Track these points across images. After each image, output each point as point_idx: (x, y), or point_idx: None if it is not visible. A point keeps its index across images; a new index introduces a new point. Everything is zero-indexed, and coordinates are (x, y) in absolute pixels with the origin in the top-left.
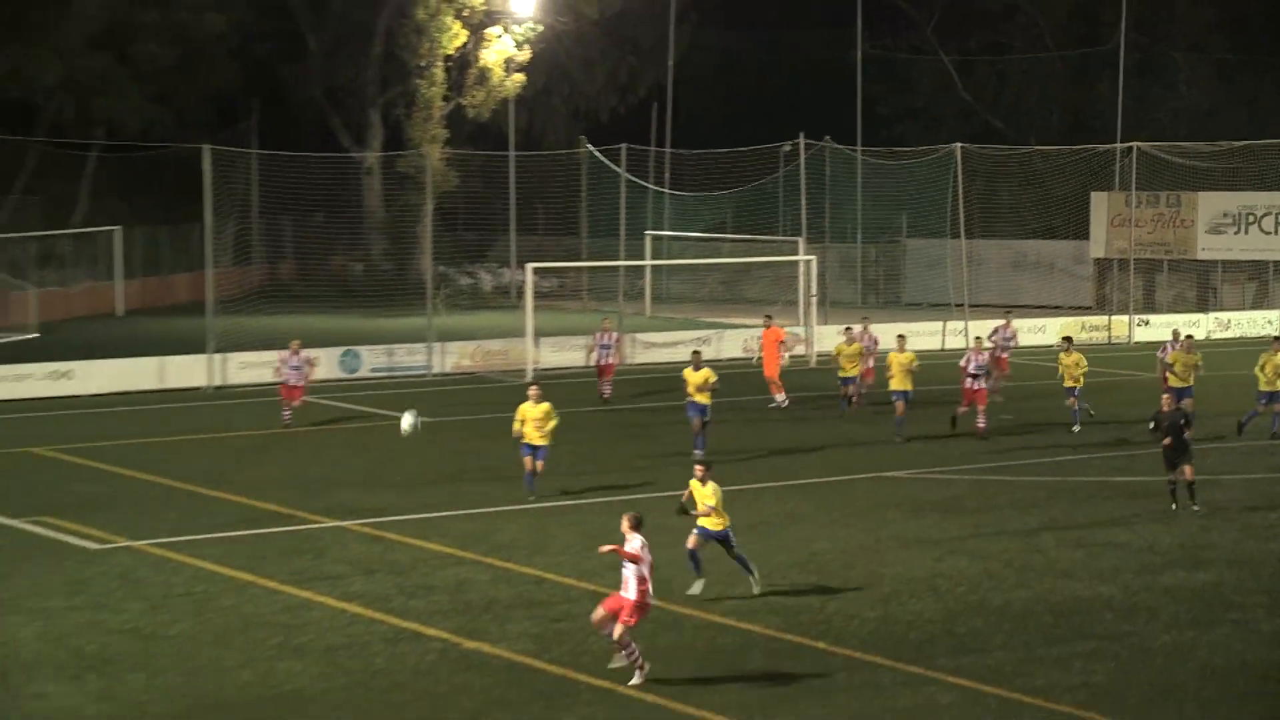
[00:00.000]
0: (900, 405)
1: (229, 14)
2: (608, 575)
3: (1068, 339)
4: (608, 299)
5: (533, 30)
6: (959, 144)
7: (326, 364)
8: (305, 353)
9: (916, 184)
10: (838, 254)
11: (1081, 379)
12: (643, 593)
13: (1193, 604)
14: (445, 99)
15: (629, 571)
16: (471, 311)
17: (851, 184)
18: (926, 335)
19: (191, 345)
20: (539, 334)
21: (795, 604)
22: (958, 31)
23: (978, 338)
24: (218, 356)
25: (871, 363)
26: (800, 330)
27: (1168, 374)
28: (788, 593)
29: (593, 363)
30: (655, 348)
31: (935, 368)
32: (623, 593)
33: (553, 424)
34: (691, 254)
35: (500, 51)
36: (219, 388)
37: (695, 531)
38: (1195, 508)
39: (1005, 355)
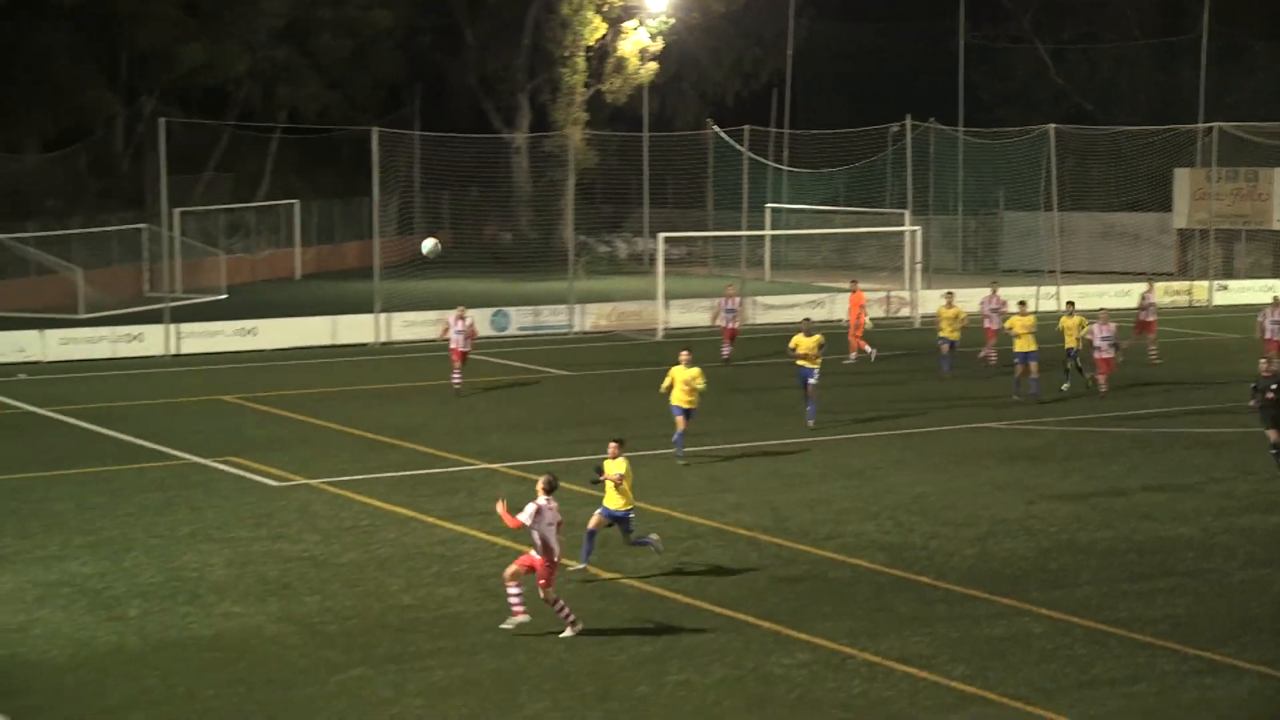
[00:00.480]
0: (1034, 366)
1: (395, 10)
2: (730, 514)
3: (1071, 303)
4: (730, 265)
5: (665, 23)
6: (1053, 125)
7: (479, 323)
8: (470, 316)
9: (1013, 161)
10: (940, 225)
11: (1080, 342)
12: (546, 556)
13: (1268, 543)
14: (586, 85)
15: (535, 535)
16: (608, 276)
17: (953, 161)
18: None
19: (360, 306)
20: (668, 297)
21: (900, 541)
22: (1052, 22)
23: (1102, 309)
24: (383, 316)
25: (997, 324)
26: (905, 294)
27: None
28: (893, 531)
29: (718, 325)
30: (773, 310)
31: None
32: (534, 552)
33: (701, 387)
34: (806, 225)
35: (636, 43)
36: (384, 344)
37: (599, 511)
38: None
39: (1151, 319)
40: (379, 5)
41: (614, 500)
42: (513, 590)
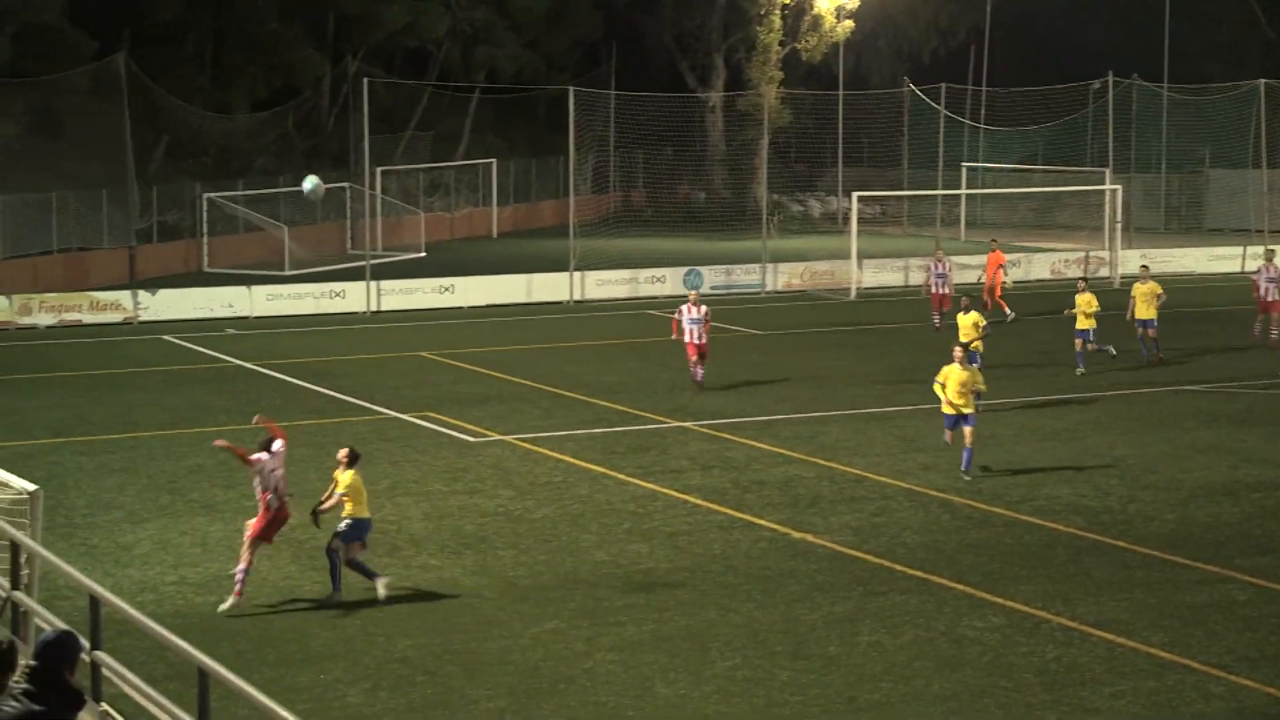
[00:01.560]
0: (1151, 332)
1: None
2: (922, 475)
3: (1145, 268)
4: (925, 225)
5: None
6: (1263, 80)
7: (672, 282)
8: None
9: (1220, 118)
10: (1142, 183)
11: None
12: (264, 509)
13: None
14: (781, 44)
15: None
16: (801, 235)
17: (1157, 118)
18: (1227, 260)
19: (555, 264)
20: (862, 256)
21: (1098, 505)
22: None
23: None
24: (577, 274)
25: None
26: (1104, 254)
27: None
28: (1090, 494)
29: (928, 290)
30: (969, 270)
31: (1233, 289)
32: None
33: (981, 387)
34: (1003, 184)
35: (832, 0)
36: (578, 301)
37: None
38: None
39: None
40: None
41: (350, 508)
42: (245, 561)
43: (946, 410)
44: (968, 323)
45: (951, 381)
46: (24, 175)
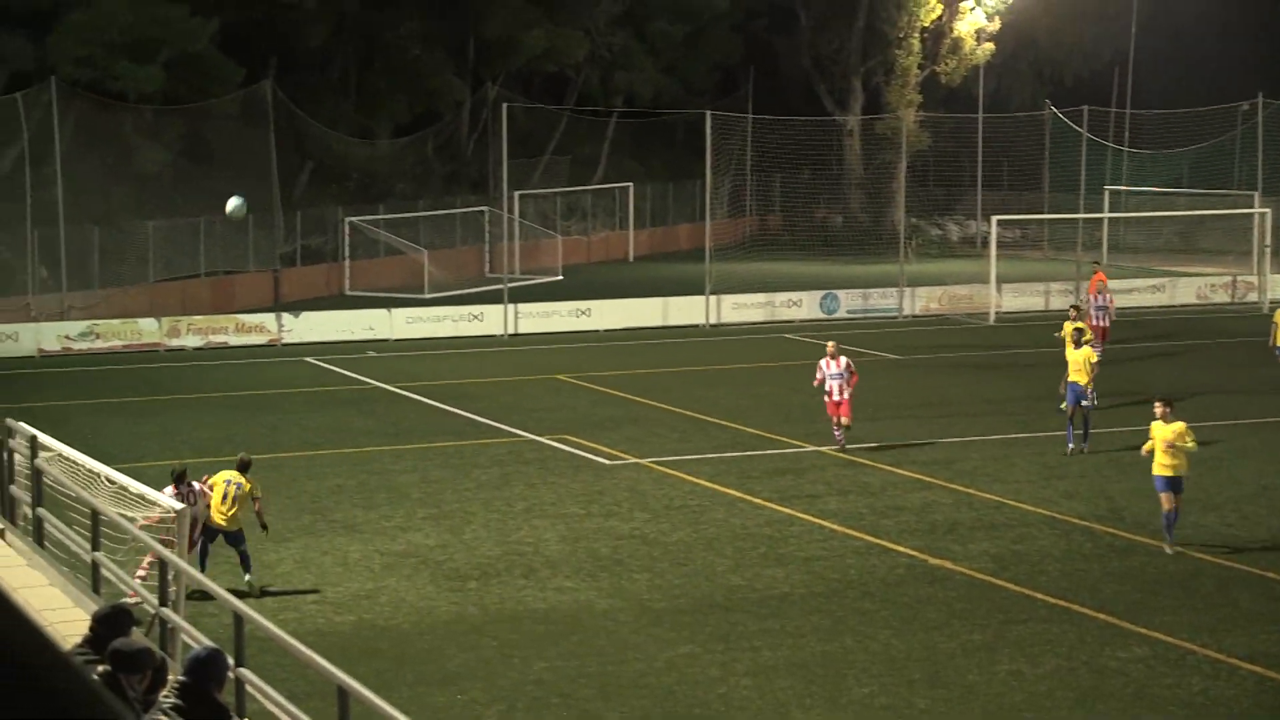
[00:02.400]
0: None
1: None
2: (1064, 503)
3: None
4: (1066, 249)
5: (1003, 3)
6: None
7: (808, 306)
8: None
9: None
10: None
11: None
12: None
13: None
14: (920, 67)
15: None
16: (939, 259)
17: None
18: None
19: (691, 288)
20: (1001, 280)
21: (1246, 534)
22: None
23: None
24: (713, 298)
25: None
26: (1252, 279)
27: None
28: (1238, 524)
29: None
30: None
31: None
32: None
33: (1190, 446)
34: (1147, 207)
35: (972, 23)
36: (714, 325)
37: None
38: None
39: None
40: None
41: (220, 515)
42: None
43: (1158, 473)
44: (1079, 359)
45: (1157, 440)
46: (175, 200)
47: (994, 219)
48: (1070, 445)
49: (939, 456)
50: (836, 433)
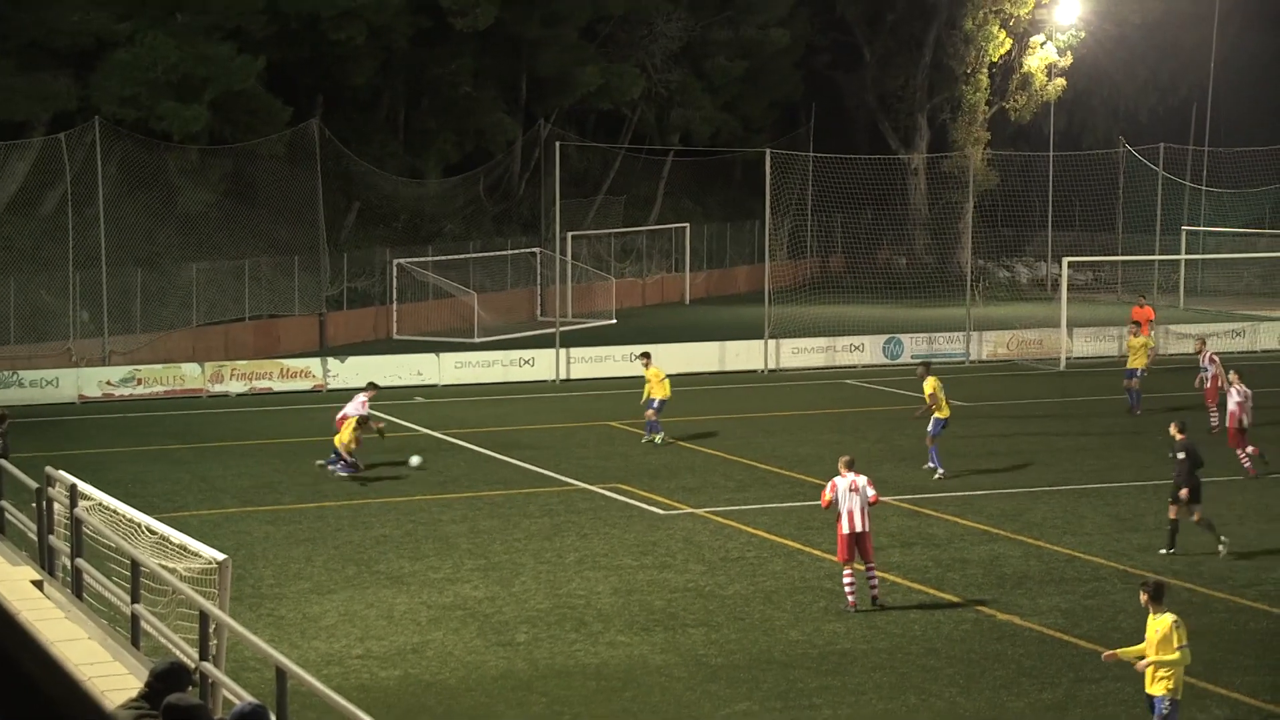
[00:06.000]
0: None
1: (793, 28)
2: (1137, 556)
3: (1136, 322)
4: (1142, 292)
5: (1075, 37)
6: None
7: (870, 350)
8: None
9: None
10: None
11: None
12: None
13: None
14: (988, 104)
15: None
16: (1008, 302)
17: None
18: None
19: (749, 331)
20: (1072, 324)
21: None
22: None
23: None
24: (772, 342)
25: None
26: None
27: None
28: None
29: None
30: (1188, 339)
31: None
32: None
33: (1174, 655)
34: (1227, 248)
35: (1043, 58)
36: (773, 370)
37: None
38: None
39: None
40: (776, 24)
41: None
42: None
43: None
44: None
45: (1149, 636)
46: (220, 242)
47: (1065, 260)
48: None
49: (1007, 508)
50: (849, 586)
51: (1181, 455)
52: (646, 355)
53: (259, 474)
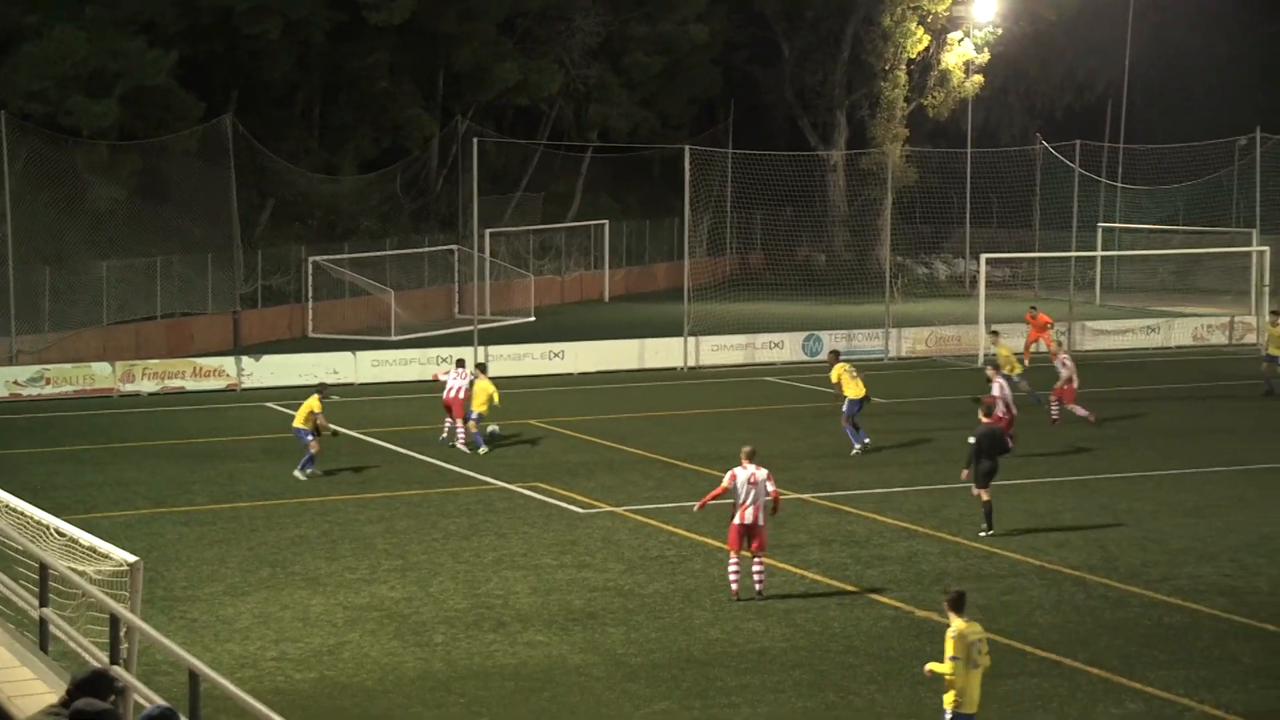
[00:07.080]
0: None
1: (711, 25)
2: (1054, 552)
3: (1275, 312)
4: (1057, 288)
5: (992, 34)
6: None
7: (790, 347)
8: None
9: None
10: None
11: None
12: None
13: None
14: (907, 100)
15: None
16: (926, 299)
17: None
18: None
19: (669, 329)
20: (990, 321)
21: (1244, 585)
22: None
23: None
24: (692, 340)
25: None
26: (1251, 319)
27: None
28: (1236, 574)
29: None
30: (1105, 335)
31: None
32: None
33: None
34: (1142, 245)
35: (961, 55)
36: (692, 368)
37: None
38: None
39: None
40: (695, 20)
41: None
42: None
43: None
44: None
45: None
46: (130, 239)
47: (983, 257)
48: None
49: (925, 504)
50: (734, 575)
51: (972, 440)
52: (482, 366)
53: (172, 474)
